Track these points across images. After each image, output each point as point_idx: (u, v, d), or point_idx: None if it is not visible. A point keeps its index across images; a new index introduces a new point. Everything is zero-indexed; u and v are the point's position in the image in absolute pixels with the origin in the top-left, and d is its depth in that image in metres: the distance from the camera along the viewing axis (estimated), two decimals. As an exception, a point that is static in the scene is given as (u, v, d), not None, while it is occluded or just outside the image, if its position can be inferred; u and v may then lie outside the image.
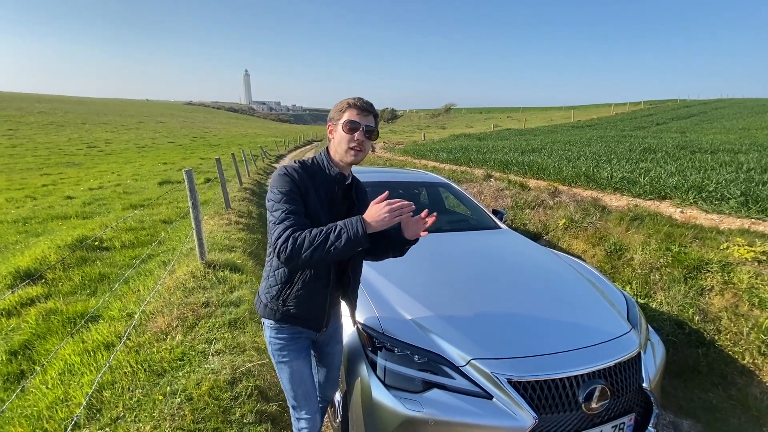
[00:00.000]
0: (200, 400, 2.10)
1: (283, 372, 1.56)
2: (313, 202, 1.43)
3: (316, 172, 1.48)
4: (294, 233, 1.32)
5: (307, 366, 1.59)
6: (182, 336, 2.80)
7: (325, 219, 1.43)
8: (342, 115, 1.45)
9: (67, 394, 2.33)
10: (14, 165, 19.16)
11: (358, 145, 1.43)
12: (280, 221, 1.36)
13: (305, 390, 1.57)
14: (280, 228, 1.35)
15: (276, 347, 1.54)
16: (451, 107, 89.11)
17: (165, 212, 7.63)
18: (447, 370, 1.64)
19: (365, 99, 1.47)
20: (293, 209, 1.38)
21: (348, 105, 1.44)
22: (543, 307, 2.04)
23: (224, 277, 3.81)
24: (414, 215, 1.44)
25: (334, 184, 1.49)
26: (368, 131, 1.45)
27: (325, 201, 1.47)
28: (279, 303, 1.49)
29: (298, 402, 1.58)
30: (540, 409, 1.57)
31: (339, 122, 1.45)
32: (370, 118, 1.46)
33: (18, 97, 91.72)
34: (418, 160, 11.72)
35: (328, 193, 1.49)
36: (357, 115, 1.43)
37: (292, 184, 1.41)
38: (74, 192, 11.04)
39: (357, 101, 1.44)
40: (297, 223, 1.35)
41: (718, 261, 3.01)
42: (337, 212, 1.51)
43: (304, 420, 1.59)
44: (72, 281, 4.22)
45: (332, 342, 1.73)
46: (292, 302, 1.48)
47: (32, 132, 36.47)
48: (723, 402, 2.53)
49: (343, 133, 1.44)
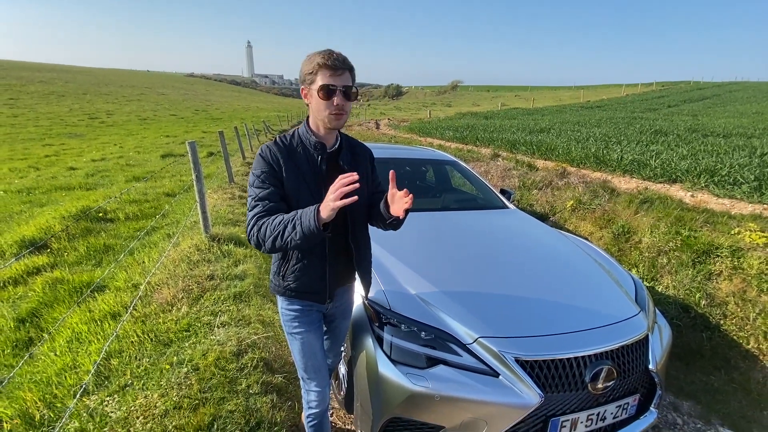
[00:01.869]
0: (207, 371, 2.12)
1: (294, 343, 1.55)
2: (292, 180, 1.36)
3: (296, 146, 1.40)
4: (259, 221, 1.31)
5: (319, 339, 1.58)
6: (188, 308, 2.82)
7: (307, 195, 1.37)
8: (314, 78, 1.30)
9: (76, 362, 2.36)
10: (16, 135, 19.04)
11: (338, 110, 1.31)
12: (251, 208, 1.35)
13: (316, 363, 1.57)
14: (250, 215, 1.35)
15: (287, 318, 1.53)
16: (457, 84, 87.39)
17: (168, 185, 7.60)
18: (454, 347, 1.63)
19: (335, 53, 1.30)
20: (263, 194, 1.34)
21: (319, 66, 1.28)
22: (551, 287, 2.02)
23: (229, 251, 3.81)
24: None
25: (316, 154, 1.40)
26: (346, 92, 1.31)
27: (309, 175, 1.39)
28: (280, 278, 1.49)
29: (308, 374, 1.58)
30: (546, 387, 1.57)
31: (312, 87, 1.31)
32: (346, 75, 1.30)
33: (18, 65, 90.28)
34: (423, 138, 11.56)
35: (312, 165, 1.40)
36: (331, 77, 1.28)
37: (264, 165, 1.36)
38: (77, 163, 10.99)
39: (327, 59, 1.27)
40: (265, 210, 1.32)
41: (728, 246, 2.97)
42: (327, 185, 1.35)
43: (314, 392, 1.59)
44: (77, 251, 4.23)
45: (341, 317, 1.70)
46: (290, 277, 1.46)
47: (33, 102, 36.09)
48: (725, 385, 2.55)
49: (319, 99, 1.30)
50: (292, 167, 1.37)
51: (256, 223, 1.31)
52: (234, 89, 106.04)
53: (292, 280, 1.46)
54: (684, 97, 31.31)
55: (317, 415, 1.62)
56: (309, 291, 1.48)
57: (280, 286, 1.49)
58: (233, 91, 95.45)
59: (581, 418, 1.64)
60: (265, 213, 1.31)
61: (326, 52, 1.29)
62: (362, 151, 1.56)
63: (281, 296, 1.53)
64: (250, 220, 1.34)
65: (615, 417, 1.74)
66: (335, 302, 1.61)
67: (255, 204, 1.34)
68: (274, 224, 1.26)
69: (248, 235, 1.34)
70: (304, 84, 1.34)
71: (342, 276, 1.57)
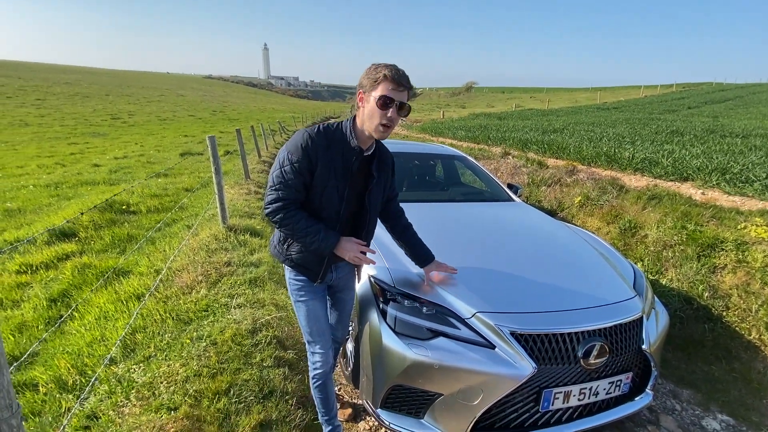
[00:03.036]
0: (224, 345, 2.27)
1: (300, 310, 1.68)
2: (322, 175, 1.44)
3: (336, 140, 1.47)
4: (286, 209, 1.44)
5: (323, 306, 1.71)
6: (206, 290, 2.99)
7: (332, 189, 1.47)
8: (376, 86, 1.37)
9: (104, 336, 2.54)
10: (43, 134, 19.80)
11: (389, 122, 1.38)
12: (276, 188, 1.44)
13: (319, 327, 1.69)
14: (273, 195, 1.45)
15: (294, 287, 1.66)
16: (472, 86, 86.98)
17: (187, 181, 7.87)
18: (453, 321, 1.74)
19: (401, 70, 1.37)
20: (292, 182, 1.43)
21: (384, 77, 1.35)
22: (549, 270, 2.11)
23: (245, 241, 3.98)
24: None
25: (352, 155, 1.47)
26: (401, 108, 1.39)
27: (339, 170, 1.47)
28: (284, 247, 1.60)
29: (313, 337, 1.70)
30: (539, 360, 1.66)
31: (372, 94, 1.37)
32: (405, 93, 1.39)
33: (44, 67, 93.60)
34: (435, 138, 11.63)
35: (345, 163, 1.47)
36: (393, 90, 1.35)
37: (303, 156, 1.42)
38: (101, 160, 11.42)
39: (394, 74, 1.35)
40: (290, 197, 1.44)
41: (733, 240, 2.99)
42: (352, 182, 1.51)
43: (318, 354, 1.71)
44: (103, 240, 4.47)
45: (346, 288, 1.82)
46: (294, 249, 1.57)
47: (59, 102, 37.38)
48: (725, 375, 2.58)
49: (375, 107, 1.37)
50: (326, 161, 1.44)
51: (282, 209, 1.44)
52: (250, 91, 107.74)
53: (294, 252, 1.57)
54: (705, 99, 30.56)
55: (321, 376, 1.73)
56: (306, 267, 1.60)
57: (282, 253, 1.61)
58: (250, 93, 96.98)
59: (574, 391, 1.72)
60: (289, 201, 1.44)
61: (393, 66, 1.38)
62: (388, 158, 1.68)
63: (288, 266, 1.65)
64: (274, 200, 1.45)
65: (608, 393, 1.82)
66: (337, 273, 1.72)
67: (281, 187, 1.44)
68: (298, 227, 1.44)
69: (267, 211, 1.47)
70: (363, 89, 1.41)
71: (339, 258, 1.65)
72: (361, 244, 1.53)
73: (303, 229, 1.44)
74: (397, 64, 1.40)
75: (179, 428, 1.61)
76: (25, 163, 11.44)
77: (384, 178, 1.65)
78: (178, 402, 1.81)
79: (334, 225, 1.53)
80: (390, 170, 1.70)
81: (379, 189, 1.63)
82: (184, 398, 1.83)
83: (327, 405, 1.78)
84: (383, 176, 1.63)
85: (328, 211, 1.50)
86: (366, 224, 1.61)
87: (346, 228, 1.58)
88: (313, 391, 1.76)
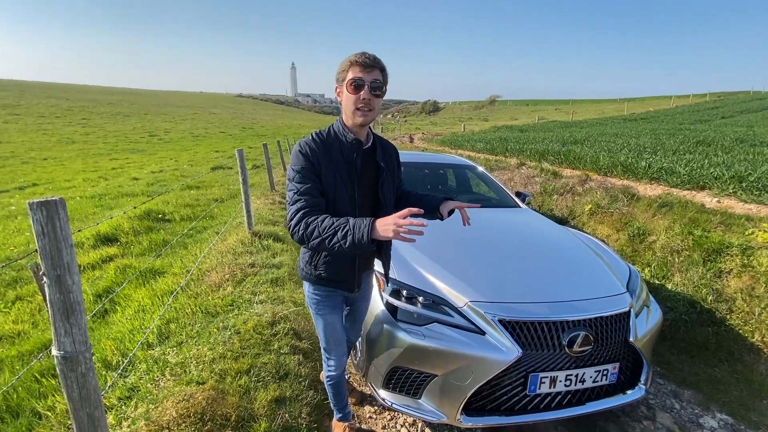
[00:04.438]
0: (246, 333, 2.53)
1: (318, 322, 1.74)
2: (329, 176, 1.42)
3: (332, 143, 1.46)
4: (306, 217, 1.35)
5: (339, 319, 1.75)
6: (232, 288, 3.28)
7: (342, 189, 1.45)
8: (346, 74, 1.36)
9: (142, 325, 2.86)
10: (88, 150, 21.28)
11: (365, 104, 1.37)
12: (293, 202, 1.40)
13: (336, 337, 1.76)
14: (293, 209, 1.39)
15: (313, 302, 1.69)
16: (496, 99, 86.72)
17: (217, 192, 8.38)
18: (447, 310, 1.93)
19: (369, 52, 1.36)
20: (305, 189, 1.39)
21: (350, 63, 1.35)
22: (542, 266, 2.27)
23: (268, 245, 4.29)
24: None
25: (352, 151, 1.46)
26: (375, 87, 1.35)
27: (344, 171, 1.45)
28: (312, 267, 1.59)
29: (329, 346, 1.79)
30: (525, 345, 1.82)
31: (344, 83, 1.38)
32: (376, 72, 1.36)
33: (92, 89, 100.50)
34: (454, 150, 11.82)
35: (348, 162, 1.46)
36: (361, 72, 1.33)
37: (305, 162, 1.40)
38: (139, 174, 12.23)
39: (359, 57, 1.34)
40: (309, 205, 1.37)
41: (739, 245, 3.03)
42: (361, 180, 1.50)
43: (333, 360, 1.82)
44: (141, 245, 4.89)
45: (362, 299, 1.85)
46: (322, 266, 1.56)
47: (102, 121, 39.99)
48: (727, 376, 2.62)
49: (348, 93, 1.37)
50: (329, 163, 1.42)
51: (303, 219, 1.35)
52: (278, 108, 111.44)
53: (323, 270, 1.56)
54: (740, 108, 29.37)
55: (335, 377, 1.88)
56: (338, 280, 1.60)
57: (312, 274, 1.60)
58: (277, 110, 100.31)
59: (560, 377, 1.86)
60: (308, 209, 1.36)
61: (359, 52, 1.37)
62: (390, 148, 1.68)
63: (315, 285, 1.64)
64: (294, 214, 1.38)
65: (595, 381, 1.94)
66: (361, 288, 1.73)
67: (297, 198, 1.39)
68: (323, 226, 1.30)
69: (291, 229, 1.38)
70: (337, 83, 1.41)
71: (367, 262, 1.71)
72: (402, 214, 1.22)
73: (330, 227, 1.29)
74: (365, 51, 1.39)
75: (206, 397, 1.86)
76: (72, 177, 12.40)
77: (392, 169, 1.63)
78: (206, 378, 2.06)
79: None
80: (395, 160, 1.69)
81: (390, 180, 1.62)
82: (211, 375, 2.08)
83: (339, 398, 1.94)
84: (391, 167, 1.61)
85: (342, 214, 1.44)
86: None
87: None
88: (327, 387, 1.91)
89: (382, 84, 1.38)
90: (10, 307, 3.49)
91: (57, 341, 1.01)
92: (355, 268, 1.59)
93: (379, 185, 1.56)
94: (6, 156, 18.33)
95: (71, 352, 1.01)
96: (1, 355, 2.66)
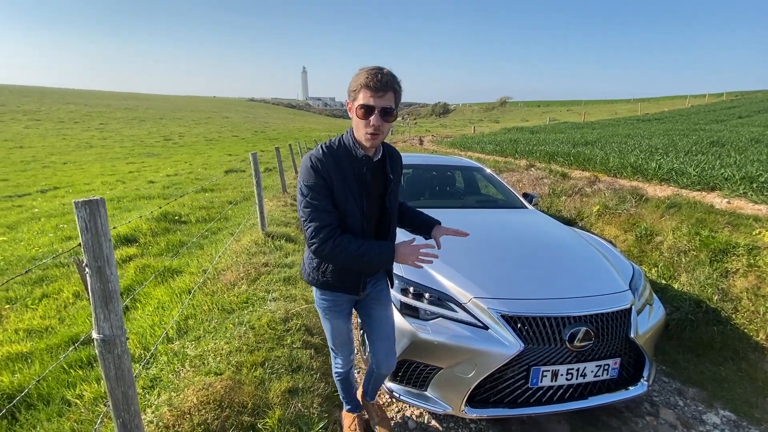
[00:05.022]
0: (260, 329, 2.65)
1: (326, 325, 1.78)
2: (339, 189, 1.43)
3: (342, 156, 1.45)
4: (330, 238, 1.40)
5: (346, 323, 1.77)
6: (247, 286, 3.41)
7: (352, 202, 1.46)
8: (357, 95, 1.35)
9: (162, 321, 3.00)
10: (105, 154, 21.86)
11: (374, 130, 1.36)
12: (311, 219, 1.41)
13: (342, 340, 1.80)
14: (313, 227, 1.41)
15: (321, 306, 1.73)
16: (506, 100, 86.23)
17: (231, 195, 8.57)
18: (452, 306, 2.01)
19: (383, 72, 1.32)
20: (320, 205, 1.40)
21: (361, 85, 1.32)
22: (545, 264, 2.34)
23: (280, 245, 4.42)
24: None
25: (362, 165, 1.46)
26: (385, 114, 1.35)
27: (353, 183, 1.46)
28: (319, 273, 1.61)
29: (336, 347, 1.83)
30: (527, 340, 1.89)
31: (354, 104, 1.37)
32: (389, 96, 1.34)
33: (108, 95, 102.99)
34: (464, 152, 11.86)
35: (357, 176, 1.47)
36: (371, 97, 1.31)
37: (317, 177, 1.40)
38: (155, 177, 12.55)
39: (371, 80, 1.30)
40: (328, 223, 1.41)
41: (745, 245, 3.04)
42: (370, 191, 1.52)
43: (340, 359, 1.87)
44: (159, 245, 5.07)
45: (377, 305, 1.76)
46: (329, 274, 1.59)
47: (119, 126, 40.96)
48: (732, 375, 2.64)
49: (357, 118, 1.37)
50: (339, 177, 1.43)
51: (328, 239, 1.39)
52: (290, 112, 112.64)
53: (330, 276, 1.59)
54: (759, 107, 28.72)
55: (342, 374, 1.91)
56: (343, 285, 1.62)
57: (318, 279, 1.62)
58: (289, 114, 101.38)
59: (561, 370, 1.93)
60: (329, 228, 1.40)
61: (373, 71, 1.32)
62: (396, 156, 1.68)
63: (322, 290, 1.67)
64: (315, 232, 1.40)
65: (596, 375, 2.00)
66: (373, 287, 1.74)
67: (315, 216, 1.41)
68: (349, 251, 1.39)
69: (315, 247, 1.42)
70: (348, 98, 1.41)
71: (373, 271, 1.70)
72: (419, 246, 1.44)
73: (356, 251, 1.39)
74: (381, 67, 1.33)
75: (224, 386, 1.98)
76: (91, 180, 12.79)
77: (398, 177, 1.65)
78: (223, 369, 2.18)
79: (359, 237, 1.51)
80: (400, 168, 1.70)
81: (397, 189, 1.65)
82: (228, 366, 2.20)
83: (347, 392, 2.01)
84: (397, 177, 1.63)
85: (352, 226, 1.49)
86: (389, 226, 1.62)
87: (370, 236, 1.60)
88: (336, 383, 1.98)
89: (393, 108, 1.37)
90: (38, 304, 3.67)
91: (97, 326, 1.14)
92: (361, 275, 1.62)
93: (387, 196, 1.58)
94: (28, 160, 18.96)
95: (109, 336, 1.14)
96: (32, 348, 2.83)
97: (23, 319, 3.29)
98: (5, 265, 4.61)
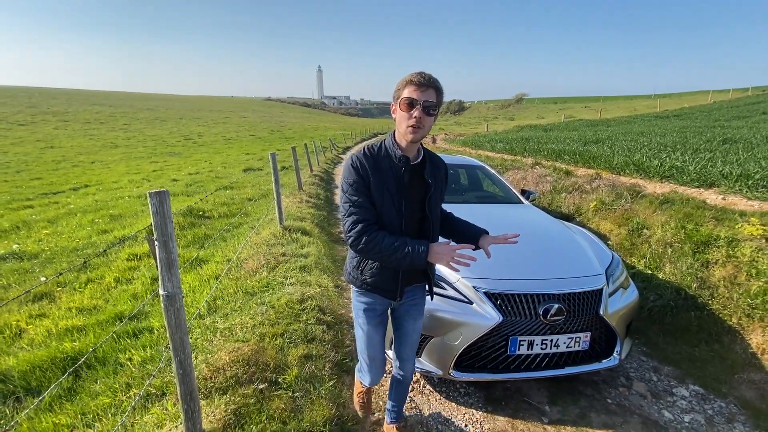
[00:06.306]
0: (280, 308, 3.03)
1: (357, 331, 1.80)
2: (378, 190, 1.48)
3: (382, 157, 1.52)
4: (366, 231, 1.45)
5: (378, 332, 1.77)
6: (267, 273, 3.80)
7: (389, 203, 1.50)
8: (401, 93, 1.43)
9: (194, 301, 3.42)
10: (130, 153, 22.82)
11: (416, 122, 1.40)
12: (349, 214, 1.49)
13: (372, 353, 1.80)
14: (350, 221, 1.48)
15: (357, 309, 1.75)
16: (522, 97, 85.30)
17: (250, 192, 9.05)
18: (442, 284, 2.34)
19: (426, 73, 1.41)
20: (359, 202, 1.48)
21: (406, 82, 1.41)
22: (529, 250, 2.64)
23: (297, 238, 4.81)
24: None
25: (400, 167, 1.51)
26: (427, 107, 1.40)
27: (392, 185, 1.50)
28: (358, 272, 1.65)
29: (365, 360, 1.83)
30: (506, 313, 2.21)
31: (398, 101, 1.44)
32: (430, 92, 1.40)
33: (131, 96, 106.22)
34: (474, 150, 12.09)
35: (396, 177, 1.51)
36: (415, 91, 1.39)
37: (356, 175, 1.48)
38: (178, 176, 13.19)
39: (415, 77, 1.39)
40: (365, 218, 1.47)
41: (725, 237, 3.27)
42: (408, 195, 1.54)
43: (367, 375, 1.87)
44: (186, 238, 5.54)
45: (409, 317, 1.79)
46: (368, 273, 1.62)
47: (142, 126, 42.40)
48: (705, 354, 2.89)
49: (401, 111, 1.43)
50: (378, 177, 1.49)
51: (363, 233, 1.45)
52: (305, 111, 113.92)
53: (369, 276, 1.62)
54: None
55: (364, 393, 2.01)
56: (382, 287, 1.64)
57: (358, 279, 1.66)
58: (304, 113, 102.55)
59: (536, 340, 2.24)
60: (365, 223, 1.46)
61: (416, 71, 1.42)
62: (439, 162, 1.69)
63: (361, 291, 1.70)
64: (352, 225, 1.47)
65: (568, 347, 2.30)
66: (404, 299, 1.74)
67: (353, 210, 1.48)
68: (383, 245, 1.43)
69: (351, 240, 1.49)
70: (394, 101, 1.48)
71: (414, 275, 1.70)
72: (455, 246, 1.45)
73: (390, 246, 1.43)
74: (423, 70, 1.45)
75: (250, 349, 2.36)
76: (118, 178, 13.52)
77: (440, 184, 1.66)
78: (249, 338, 2.56)
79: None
80: (444, 175, 1.71)
81: (438, 195, 1.65)
82: (253, 336, 2.59)
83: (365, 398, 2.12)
84: (439, 183, 1.64)
85: (389, 225, 1.52)
86: (430, 233, 1.61)
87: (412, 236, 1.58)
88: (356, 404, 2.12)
89: (436, 105, 1.43)
90: (84, 288, 4.15)
91: (163, 285, 1.52)
92: (398, 279, 1.63)
93: (427, 200, 1.59)
94: (58, 160, 20.01)
95: (171, 293, 1.51)
96: (84, 323, 3.28)
97: (74, 300, 3.76)
98: (52, 254, 5.15)
